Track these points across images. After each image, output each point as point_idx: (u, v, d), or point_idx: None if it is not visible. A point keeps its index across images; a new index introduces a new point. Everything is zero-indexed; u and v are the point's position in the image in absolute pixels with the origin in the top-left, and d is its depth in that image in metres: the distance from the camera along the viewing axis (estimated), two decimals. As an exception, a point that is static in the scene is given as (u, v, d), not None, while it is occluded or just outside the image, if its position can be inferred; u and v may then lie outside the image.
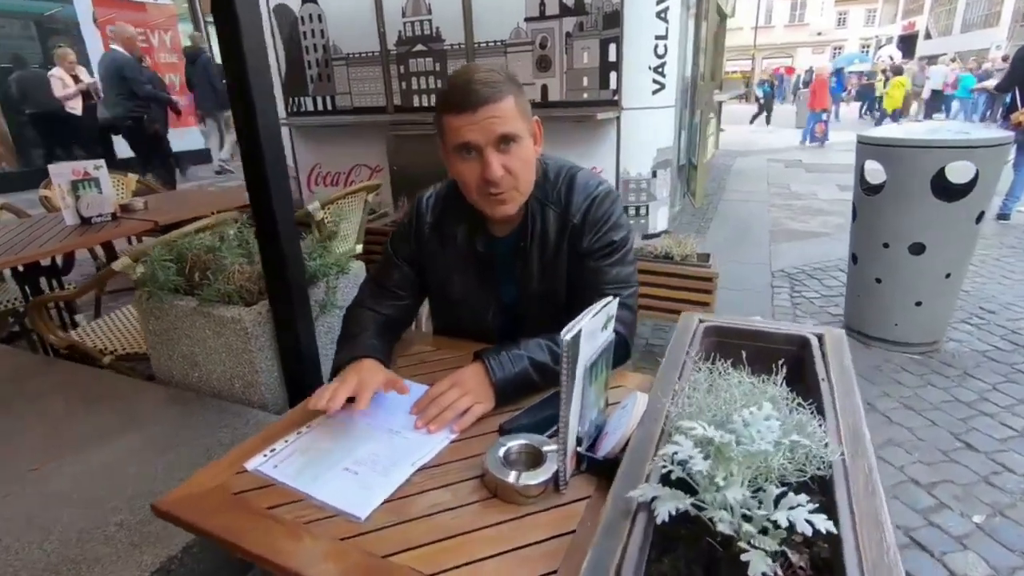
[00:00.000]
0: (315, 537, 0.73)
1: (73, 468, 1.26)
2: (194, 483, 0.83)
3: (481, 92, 0.97)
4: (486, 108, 0.97)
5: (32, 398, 1.57)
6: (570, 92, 3.68)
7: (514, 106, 1.01)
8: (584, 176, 1.17)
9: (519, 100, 1.03)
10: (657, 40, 3.49)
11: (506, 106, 0.99)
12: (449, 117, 0.99)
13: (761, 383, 0.78)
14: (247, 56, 1.22)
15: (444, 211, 1.19)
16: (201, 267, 1.55)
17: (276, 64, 4.69)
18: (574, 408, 0.76)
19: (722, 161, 8.78)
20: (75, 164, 2.28)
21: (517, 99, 1.02)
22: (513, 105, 1.01)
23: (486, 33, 3.79)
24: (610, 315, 0.83)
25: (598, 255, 1.14)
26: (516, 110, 1.01)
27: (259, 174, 1.32)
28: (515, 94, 1.02)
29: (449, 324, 1.29)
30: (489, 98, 0.97)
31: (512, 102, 1.00)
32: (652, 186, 3.75)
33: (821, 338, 1.00)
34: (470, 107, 0.97)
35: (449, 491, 0.80)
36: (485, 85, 0.97)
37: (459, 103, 0.97)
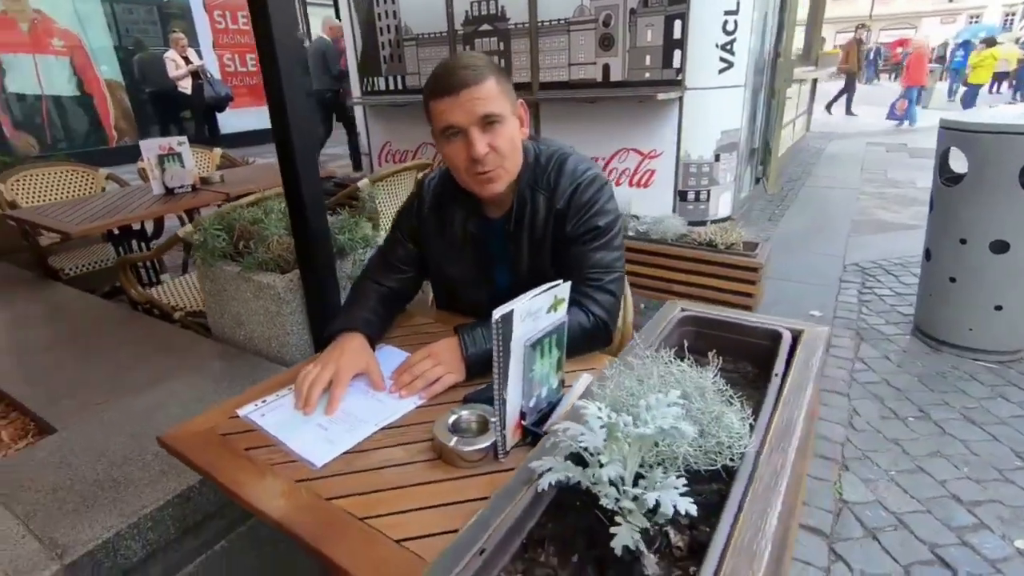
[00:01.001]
0: (275, 477, 0.83)
1: (130, 405, 1.47)
2: (194, 423, 0.96)
3: (462, 75, 1.01)
4: (468, 90, 1.01)
5: (110, 345, 1.83)
6: (632, 71, 3.59)
7: (496, 87, 1.05)
8: (574, 161, 1.19)
9: (500, 82, 1.06)
10: (727, 16, 3.31)
11: (488, 87, 1.03)
12: (434, 102, 1.05)
13: (705, 373, 0.78)
14: (276, 36, 1.33)
15: (443, 193, 1.25)
16: (246, 237, 1.71)
17: (353, 46, 4.91)
18: (512, 383, 0.81)
19: (813, 144, 8.17)
20: (162, 140, 2.56)
21: (499, 81, 1.06)
22: (495, 86, 1.04)
23: (550, 11, 3.76)
24: (559, 297, 0.86)
25: (581, 240, 1.15)
26: (498, 91, 1.05)
27: (288, 152, 1.44)
28: (496, 76, 1.06)
29: (448, 302, 1.36)
30: (470, 80, 1.01)
31: (493, 83, 1.04)
32: (714, 170, 3.60)
33: (799, 334, 0.97)
34: (453, 90, 1.01)
35: (403, 449, 0.88)
36: (466, 69, 1.02)
37: (442, 87, 1.03)
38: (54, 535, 1.05)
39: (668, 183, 3.72)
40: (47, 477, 1.21)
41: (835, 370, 2.45)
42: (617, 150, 3.84)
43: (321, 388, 0.98)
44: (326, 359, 1.02)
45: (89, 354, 1.78)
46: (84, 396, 1.52)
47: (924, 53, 9.42)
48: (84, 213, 2.34)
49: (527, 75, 4.01)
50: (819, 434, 2.03)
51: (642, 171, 3.80)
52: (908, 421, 2.10)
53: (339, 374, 0.99)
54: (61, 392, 1.55)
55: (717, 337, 1.03)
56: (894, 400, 2.22)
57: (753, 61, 3.68)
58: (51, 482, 1.19)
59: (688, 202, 3.71)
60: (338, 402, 0.97)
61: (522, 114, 1.15)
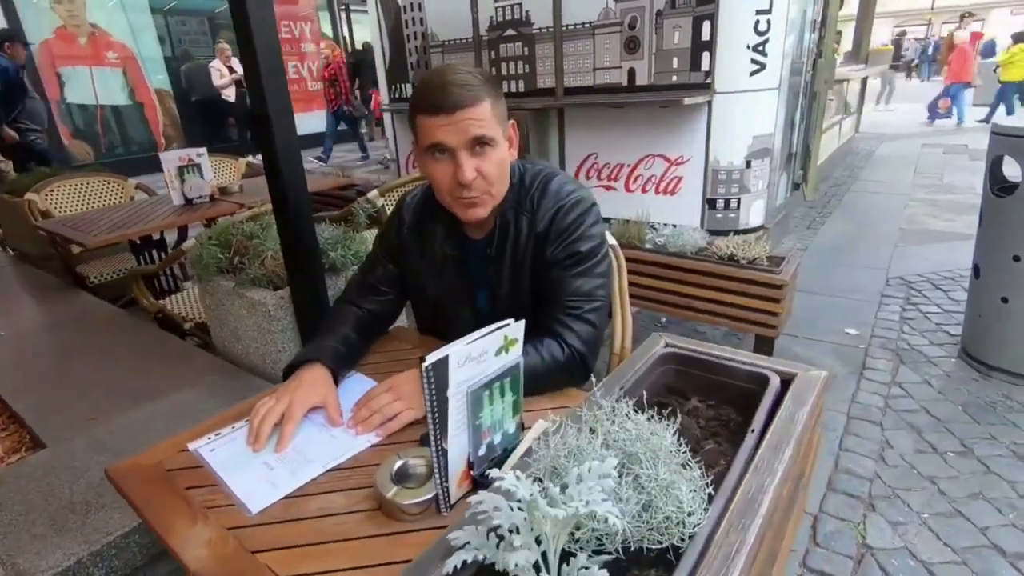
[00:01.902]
0: (207, 522, 0.79)
1: (118, 421, 1.47)
2: (145, 455, 0.93)
3: (457, 94, 0.95)
4: (462, 111, 0.95)
5: (114, 356, 1.86)
6: (658, 75, 3.46)
7: (490, 110, 0.98)
8: (559, 182, 1.11)
9: (496, 104, 1.00)
10: (759, 15, 3.14)
11: (482, 109, 0.97)
12: (423, 117, 0.98)
13: (662, 429, 0.69)
14: (257, 45, 1.30)
15: (424, 211, 1.20)
16: (242, 252, 1.70)
17: (381, 53, 4.95)
18: (454, 432, 0.74)
19: (862, 145, 7.75)
20: (181, 152, 2.60)
21: (494, 103, 0.99)
22: (489, 108, 0.98)
23: (574, 15, 3.67)
24: (510, 338, 0.78)
25: (562, 265, 1.08)
26: (492, 114, 0.99)
27: (273, 164, 1.41)
28: (492, 97, 0.99)
29: (428, 325, 1.30)
30: (465, 101, 0.95)
31: (488, 106, 0.98)
32: (745, 177, 3.42)
33: (789, 380, 0.87)
34: (446, 109, 0.95)
35: (344, 496, 0.82)
36: (462, 87, 0.95)
37: (434, 104, 0.96)
38: (17, 560, 1.04)
39: (696, 191, 3.57)
40: (25, 496, 1.21)
41: (869, 395, 2.27)
42: (643, 156, 3.71)
43: (271, 423, 0.93)
44: (281, 392, 0.98)
45: (92, 365, 1.81)
46: (78, 410, 1.54)
47: (967, 48, 8.78)
48: (107, 223, 2.40)
49: (551, 80, 3.93)
50: (844, 468, 1.87)
51: (669, 178, 3.65)
52: (947, 456, 1.91)
53: (291, 409, 0.95)
54: (57, 405, 1.58)
55: (699, 378, 0.93)
56: (933, 432, 2.03)
57: (789, 62, 3.48)
58: (28, 502, 1.20)
59: (717, 210, 3.54)
60: (288, 439, 0.92)
61: (512, 135, 1.08)
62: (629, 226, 2.60)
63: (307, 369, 1.02)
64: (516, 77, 4.13)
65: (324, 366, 1.04)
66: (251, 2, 1.27)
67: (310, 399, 0.97)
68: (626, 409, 0.73)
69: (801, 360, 2.50)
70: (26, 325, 2.18)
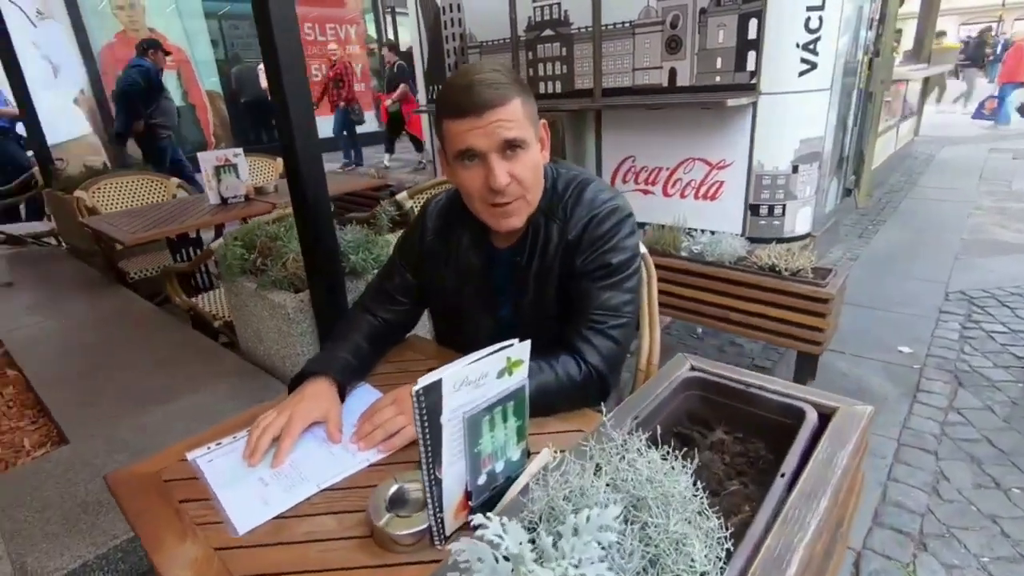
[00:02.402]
0: (195, 540, 0.75)
1: (140, 420, 1.48)
2: (145, 463, 0.92)
3: (485, 94, 0.89)
4: (491, 112, 0.89)
5: (142, 352, 1.89)
6: (701, 75, 3.33)
7: (520, 109, 0.92)
8: (594, 190, 1.04)
9: (526, 102, 0.94)
10: (810, 12, 2.97)
11: (512, 109, 0.91)
12: (451, 122, 0.93)
13: (674, 471, 0.62)
14: (278, 44, 1.28)
15: (448, 218, 1.15)
16: (265, 254, 1.70)
17: (420, 54, 4.96)
18: (449, 461, 0.68)
19: (922, 149, 7.33)
20: (218, 152, 2.65)
21: (524, 101, 0.93)
22: (520, 108, 0.92)
23: (614, 14, 3.58)
24: (513, 359, 0.72)
25: (590, 276, 1.01)
26: (523, 113, 0.93)
27: (293, 165, 1.39)
28: (522, 96, 0.93)
29: (448, 334, 1.26)
30: (494, 101, 0.89)
31: (519, 104, 0.92)
32: (791, 183, 3.25)
33: (830, 414, 0.77)
34: (473, 110, 0.89)
35: (336, 519, 0.78)
36: (489, 87, 0.90)
37: (461, 106, 0.90)
38: (27, 560, 1.05)
39: (738, 196, 3.41)
40: (43, 493, 1.23)
41: (922, 421, 2.10)
42: (683, 160, 3.58)
43: (270, 437, 0.90)
44: (283, 406, 0.95)
45: (121, 361, 1.85)
46: (103, 407, 1.56)
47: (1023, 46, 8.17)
48: (145, 221, 2.46)
49: (589, 81, 3.84)
50: (893, 500, 1.73)
51: (710, 182, 3.51)
52: (1011, 493, 1.74)
53: (291, 424, 0.91)
54: (84, 401, 1.60)
55: (727, 407, 0.84)
56: (995, 464, 1.86)
57: (842, 61, 3.29)
58: (44, 499, 1.21)
59: (760, 217, 3.38)
60: (284, 455, 0.88)
61: (544, 136, 1.02)
62: (664, 232, 2.49)
63: (312, 383, 0.99)
64: (553, 78, 4.06)
65: (330, 380, 1.00)
66: (273, 2, 1.25)
67: (311, 414, 0.94)
68: (638, 444, 0.65)
69: (848, 379, 2.36)
70: (67, 319, 2.25)
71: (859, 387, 2.33)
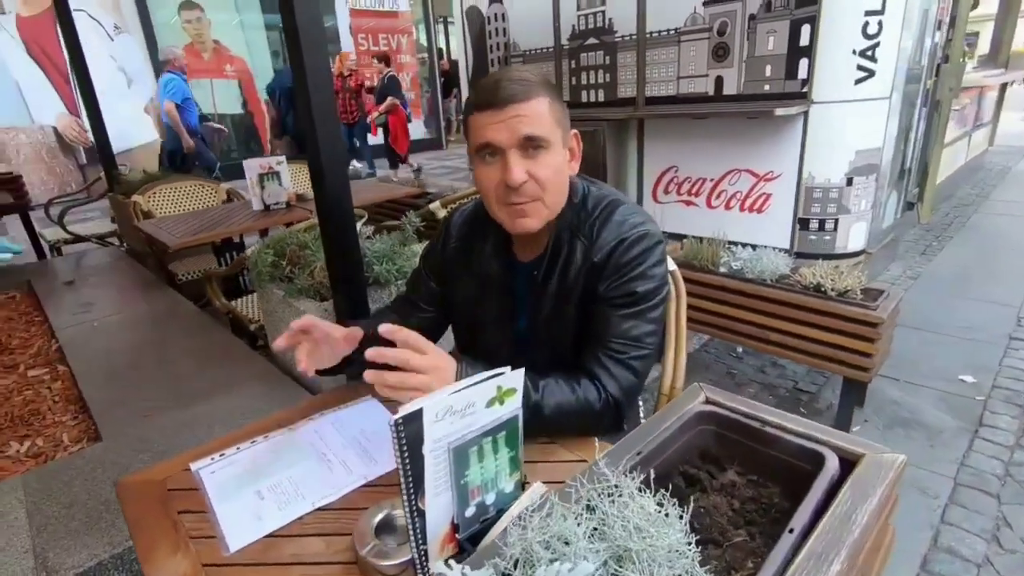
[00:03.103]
0: (186, 554, 0.75)
1: (169, 421, 1.53)
2: (153, 470, 0.93)
3: (509, 88, 0.88)
4: (513, 106, 0.88)
5: (179, 353, 1.96)
6: (748, 84, 3.20)
7: (547, 109, 0.90)
8: (624, 212, 1.00)
9: (553, 105, 0.92)
10: (868, 17, 2.81)
11: (536, 106, 0.89)
12: (474, 116, 0.92)
13: (668, 519, 0.57)
14: (305, 53, 1.30)
15: (473, 226, 1.13)
16: (294, 262, 1.73)
17: (465, 63, 5.01)
18: (433, 492, 0.65)
19: (997, 160, 6.84)
20: (262, 160, 2.74)
21: (552, 103, 0.91)
22: (546, 108, 0.90)
23: (659, 22, 3.50)
24: (504, 388, 0.69)
25: (613, 304, 0.97)
26: (548, 114, 0.90)
27: (318, 172, 1.41)
28: (550, 96, 0.91)
29: (467, 346, 1.23)
30: (517, 95, 0.88)
31: (545, 104, 0.90)
32: (845, 196, 3.08)
33: (854, 461, 0.70)
34: (496, 104, 0.88)
35: (324, 541, 0.76)
36: (514, 82, 0.88)
37: (485, 100, 0.89)
38: (49, 555, 1.09)
39: (787, 209, 3.25)
40: (72, 489, 1.27)
41: (985, 459, 1.93)
42: (728, 170, 3.45)
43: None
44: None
45: (160, 361, 1.92)
46: (136, 406, 1.62)
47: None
48: (193, 225, 2.57)
49: (632, 90, 3.77)
50: (945, 546, 1.59)
51: (756, 194, 3.36)
52: (1087, 547, 1.56)
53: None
54: (122, 400, 1.67)
55: (741, 446, 0.78)
56: (1068, 513, 1.68)
57: (904, 68, 3.09)
58: (72, 495, 1.25)
59: (810, 231, 3.21)
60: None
61: (574, 147, 0.99)
62: (703, 246, 2.40)
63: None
64: (596, 87, 4.01)
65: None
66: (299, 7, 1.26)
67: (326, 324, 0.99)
68: (631, 487, 0.61)
69: (900, 408, 2.20)
70: (116, 318, 2.36)
71: (912, 417, 2.17)
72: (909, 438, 2.07)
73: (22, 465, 1.48)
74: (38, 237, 3.95)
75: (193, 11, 8.48)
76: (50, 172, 7.91)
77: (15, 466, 1.48)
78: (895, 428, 2.12)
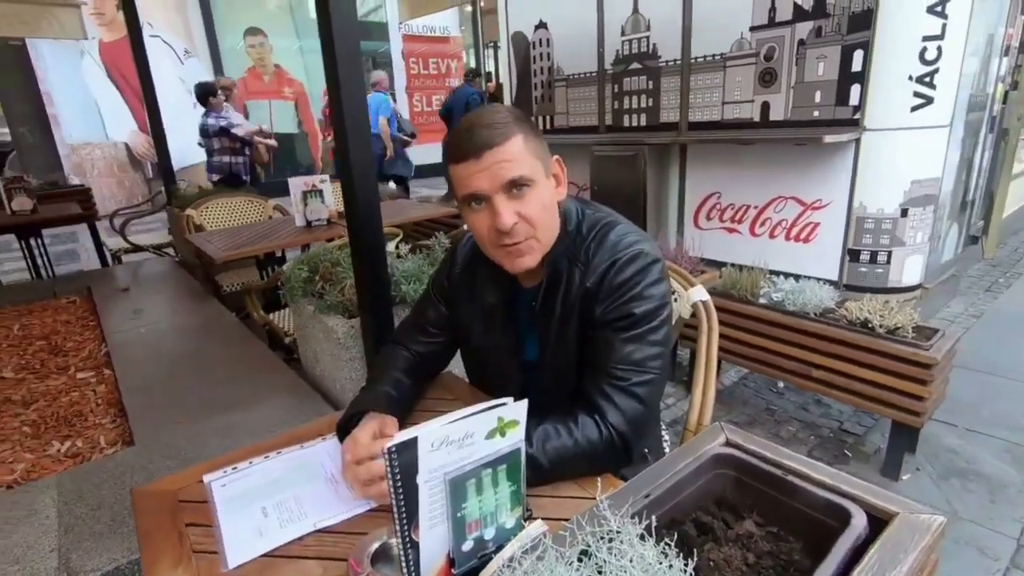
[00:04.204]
0: (187, 569, 0.75)
1: (199, 430, 1.57)
2: (168, 480, 0.95)
3: (483, 135, 0.88)
4: (491, 152, 0.87)
5: (216, 361, 2.02)
6: (796, 110, 3.11)
7: (523, 147, 0.89)
8: (619, 233, 0.98)
9: (529, 139, 0.91)
10: (926, 42, 2.69)
11: (513, 148, 0.88)
12: (455, 167, 0.92)
13: (671, 570, 0.53)
14: (343, 91, 1.34)
15: (476, 255, 1.12)
16: (327, 278, 1.76)
17: (509, 87, 5.08)
18: (428, 524, 0.63)
19: (1074, 194, 6.37)
20: (307, 177, 2.83)
21: (527, 138, 0.90)
22: (522, 146, 0.89)
23: (705, 47, 3.46)
24: (505, 420, 0.66)
25: (611, 327, 0.94)
26: (526, 151, 0.90)
27: (351, 197, 1.44)
28: (524, 133, 0.90)
29: (474, 372, 1.22)
30: (492, 140, 0.87)
31: (520, 142, 0.89)
32: (899, 227, 2.92)
33: (886, 521, 0.64)
34: (473, 153, 0.88)
35: (320, 566, 0.75)
36: (487, 127, 0.88)
37: (462, 150, 0.89)
38: (72, 556, 1.12)
39: (836, 240, 3.12)
40: (100, 492, 1.32)
41: (1053, 519, 1.75)
42: (773, 198, 3.34)
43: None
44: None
45: (197, 370, 1.98)
46: (169, 412, 1.67)
47: None
48: (238, 239, 2.67)
49: (675, 114, 3.72)
50: (1005, 616, 1.44)
51: (802, 223, 3.24)
52: None
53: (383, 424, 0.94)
54: (157, 406, 1.73)
55: (761, 494, 0.73)
56: None
57: (966, 95, 2.94)
58: (100, 497, 1.29)
59: (861, 263, 3.06)
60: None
61: (559, 173, 0.98)
62: (742, 275, 2.32)
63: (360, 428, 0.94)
64: (638, 111, 3.99)
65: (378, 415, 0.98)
66: (337, 27, 1.30)
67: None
68: (631, 534, 0.57)
69: (957, 457, 2.04)
70: (162, 325, 2.47)
71: (971, 468, 2.00)
72: (967, 490, 1.91)
73: (60, 464, 1.54)
74: (102, 245, 4.20)
75: (257, 36, 8.98)
76: (119, 185, 8.45)
77: (54, 465, 1.54)
78: (951, 479, 1.96)
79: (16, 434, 1.70)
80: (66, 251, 5.39)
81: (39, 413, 1.82)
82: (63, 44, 7.35)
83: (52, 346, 2.36)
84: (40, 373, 2.12)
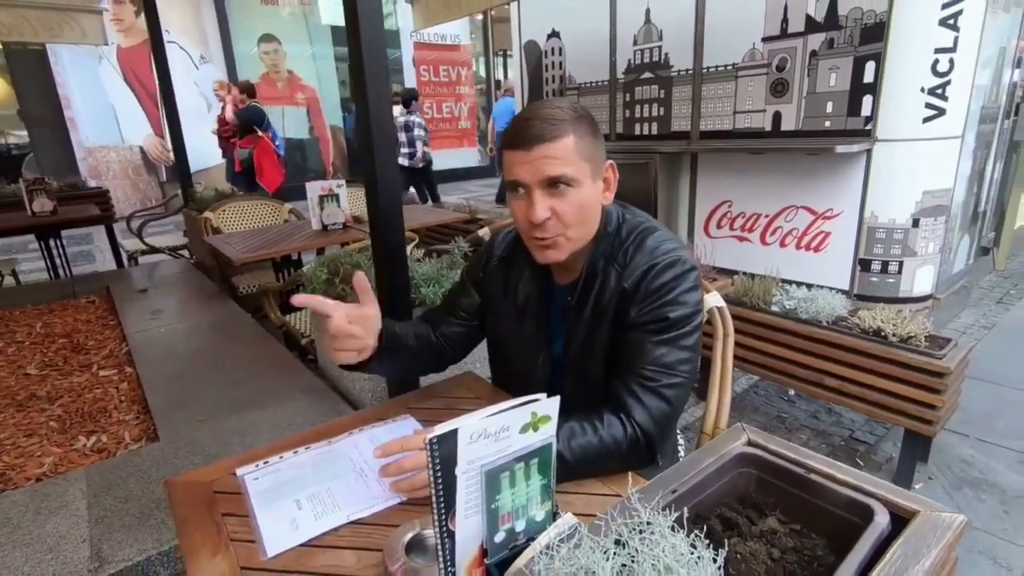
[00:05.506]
0: (225, 556, 0.78)
1: (217, 427, 1.60)
2: (202, 471, 0.98)
3: (536, 129, 0.91)
4: (540, 147, 0.91)
5: (235, 361, 2.05)
6: (808, 120, 3.13)
7: (573, 147, 0.92)
8: (656, 239, 1.00)
9: (582, 141, 0.93)
10: (938, 54, 2.71)
11: (563, 146, 0.91)
12: (507, 152, 0.96)
13: (701, 560, 0.55)
14: (368, 86, 1.37)
15: (514, 248, 1.16)
16: (347, 280, 1.79)
17: (521, 94, 5.13)
18: (463, 514, 0.66)
19: (1086, 207, 6.34)
20: (323, 182, 2.88)
21: (580, 139, 0.93)
22: (572, 146, 0.92)
23: (716, 57, 3.49)
24: (539, 415, 0.69)
25: (645, 329, 0.96)
26: (575, 151, 0.92)
27: (375, 202, 1.47)
28: (578, 134, 0.93)
29: (501, 368, 1.25)
30: (544, 136, 0.91)
31: (571, 142, 0.92)
32: (911, 238, 2.93)
33: (908, 518, 0.66)
34: (524, 144, 0.92)
35: (355, 555, 0.78)
36: (544, 122, 0.91)
37: (515, 139, 0.93)
38: (103, 546, 1.15)
39: (846, 249, 3.13)
40: (128, 485, 1.35)
41: (1067, 530, 1.75)
42: (784, 207, 3.36)
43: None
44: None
45: (217, 368, 2.02)
46: (193, 410, 1.70)
47: None
48: (255, 242, 2.71)
49: (687, 123, 3.76)
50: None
51: (813, 233, 3.25)
52: None
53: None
54: (180, 403, 1.76)
55: (785, 492, 0.75)
56: None
57: (978, 106, 2.95)
58: (128, 491, 1.33)
59: (872, 273, 3.07)
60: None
61: (610, 177, 1.01)
62: (754, 283, 2.33)
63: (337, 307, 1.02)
64: (650, 120, 4.02)
65: None
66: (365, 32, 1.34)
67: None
68: (663, 526, 0.59)
69: (970, 468, 2.05)
70: (181, 325, 2.51)
71: (984, 478, 2.01)
72: (979, 500, 1.91)
73: (87, 459, 1.58)
74: (118, 247, 4.27)
75: (271, 43, 9.10)
76: (134, 187, 8.56)
77: (81, 459, 1.58)
78: (963, 489, 1.97)
79: (43, 428, 1.74)
80: (81, 252, 5.46)
81: (64, 408, 1.85)
82: (82, 49, 7.48)
83: (74, 344, 2.41)
84: (64, 370, 2.17)
